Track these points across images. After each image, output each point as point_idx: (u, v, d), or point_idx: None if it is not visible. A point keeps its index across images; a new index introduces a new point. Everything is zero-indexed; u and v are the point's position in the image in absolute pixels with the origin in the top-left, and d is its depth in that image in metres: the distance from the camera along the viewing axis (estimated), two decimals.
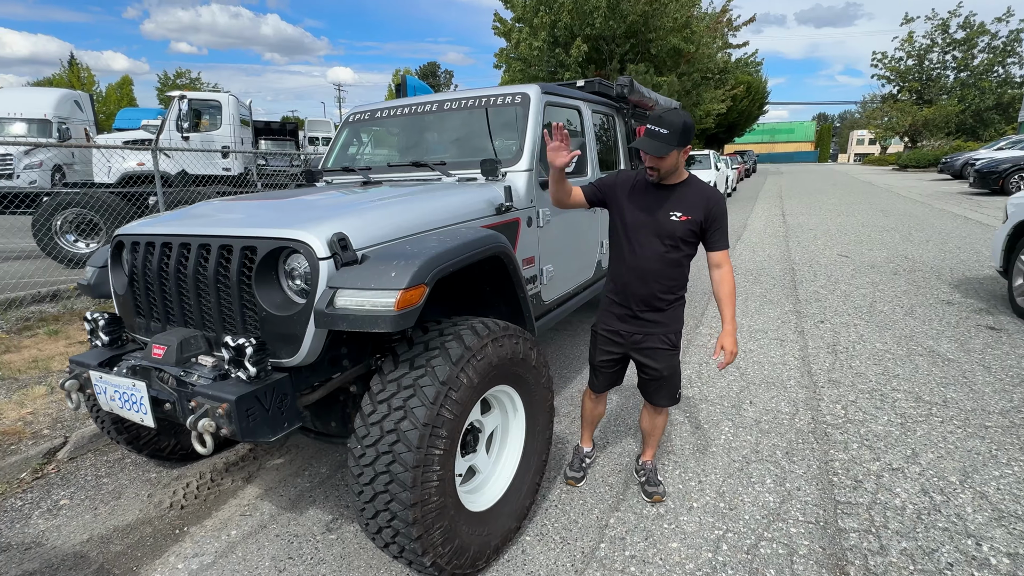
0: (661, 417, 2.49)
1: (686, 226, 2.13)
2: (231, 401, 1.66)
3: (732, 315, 2.22)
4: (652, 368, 2.30)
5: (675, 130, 2.00)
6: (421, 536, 1.72)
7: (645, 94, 4.53)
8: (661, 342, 2.27)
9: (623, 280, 2.25)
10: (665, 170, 2.10)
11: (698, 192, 2.17)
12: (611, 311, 2.35)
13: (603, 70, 15.15)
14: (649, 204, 2.18)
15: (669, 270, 2.19)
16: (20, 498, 2.66)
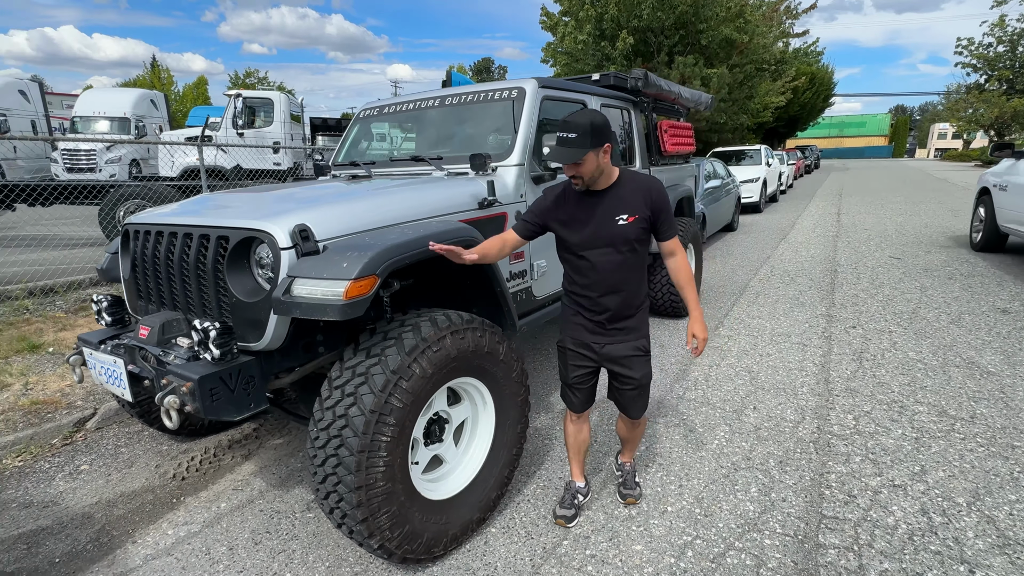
0: (639, 425, 2.35)
1: (636, 226, 1.99)
2: (194, 380, 1.77)
3: (696, 300, 2.11)
4: (629, 377, 2.13)
5: (583, 131, 1.85)
6: (366, 519, 1.77)
7: (663, 87, 4.40)
8: (635, 350, 2.13)
9: (590, 296, 2.09)
10: (589, 176, 1.93)
11: (635, 187, 2.02)
12: (577, 323, 2.16)
13: (650, 63, 14.77)
14: (590, 215, 2.01)
15: (633, 275, 2.07)
16: (48, 461, 2.94)
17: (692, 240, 5.10)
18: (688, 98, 5.10)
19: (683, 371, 3.88)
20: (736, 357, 4.10)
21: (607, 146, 1.92)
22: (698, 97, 5.41)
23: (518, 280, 2.88)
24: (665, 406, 3.34)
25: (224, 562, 2.15)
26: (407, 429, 1.85)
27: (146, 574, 2.10)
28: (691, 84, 13.44)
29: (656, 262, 4.75)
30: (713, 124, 15.78)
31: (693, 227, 5.04)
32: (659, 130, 4.79)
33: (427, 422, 2.14)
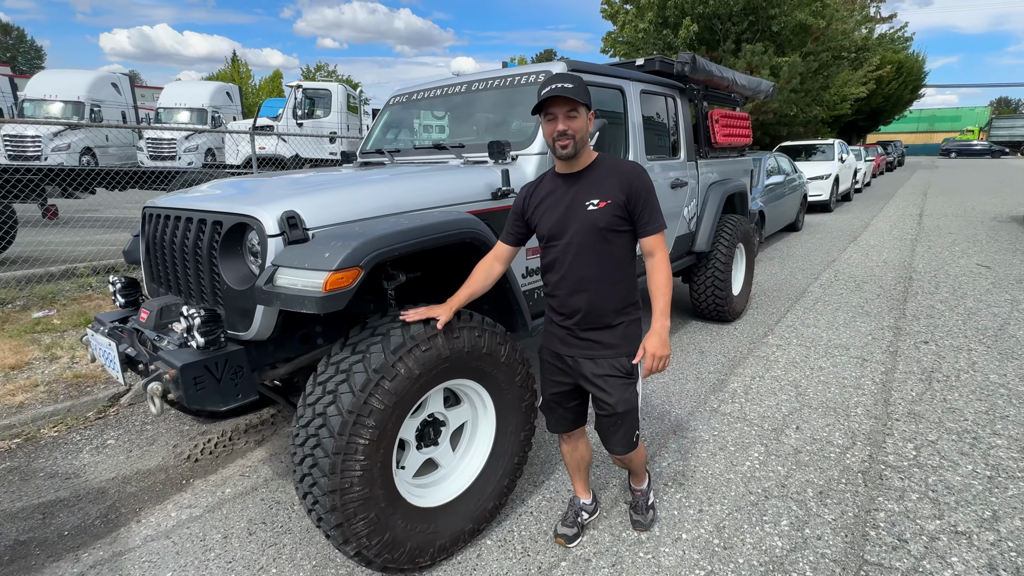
0: (632, 459, 2.03)
1: (608, 213, 1.76)
2: (177, 368, 1.73)
3: (663, 310, 1.81)
4: (603, 402, 1.85)
5: (579, 85, 1.71)
6: (341, 525, 1.68)
7: (715, 72, 4.05)
8: (611, 368, 1.83)
9: (559, 295, 1.87)
10: (580, 135, 1.72)
11: (612, 170, 1.80)
12: (551, 331, 1.95)
13: (714, 51, 14.01)
14: (561, 200, 1.82)
15: (608, 273, 1.81)
16: (80, 433, 3.07)
17: (743, 240, 4.73)
18: (745, 86, 4.70)
19: (721, 382, 3.58)
20: (783, 369, 3.74)
21: (592, 114, 1.79)
22: (756, 85, 4.99)
23: (534, 277, 2.71)
24: (696, 418, 3.08)
25: (216, 550, 2.14)
26: (389, 432, 1.74)
27: (141, 555, 2.11)
28: (758, 73, 12.63)
29: (699, 263, 4.43)
30: (782, 116, 14.80)
31: (743, 225, 4.66)
32: (709, 120, 4.44)
33: (421, 424, 2.02)
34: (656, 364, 1.79)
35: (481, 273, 1.94)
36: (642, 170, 1.82)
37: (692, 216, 4.22)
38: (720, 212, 4.37)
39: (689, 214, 4.16)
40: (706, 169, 4.42)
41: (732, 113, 4.70)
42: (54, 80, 15.86)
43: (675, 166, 3.91)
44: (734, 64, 13.12)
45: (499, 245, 1.98)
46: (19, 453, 2.86)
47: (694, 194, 4.18)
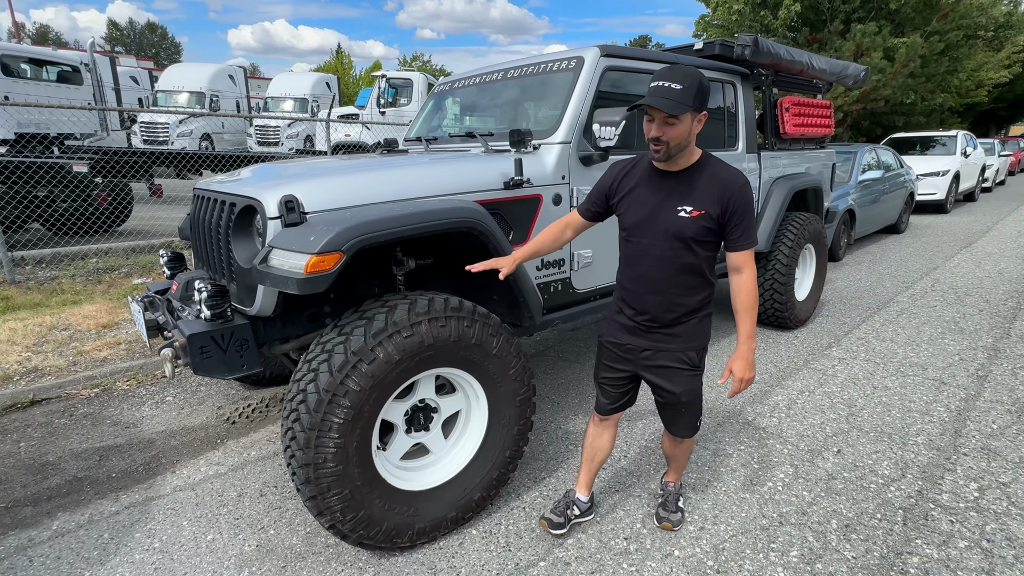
0: (683, 446, 2.08)
1: (698, 223, 1.68)
2: (186, 336, 1.89)
3: (750, 333, 1.76)
4: (667, 391, 1.86)
5: (691, 84, 1.57)
6: (315, 497, 1.75)
7: (783, 55, 3.68)
8: (678, 361, 1.83)
9: (632, 290, 1.84)
10: (675, 142, 1.63)
11: (713, 178, 1.70)
12: (618, 320, 1.93)
13: (819, 33, 12.79)
14: (653, 197, 1.75)
15: (684, 278, 1.76)
16: (147, 389, 3.45)
17: (812, 240, 4.32)
18: (825, 70, 4.24)
19: (764, 393, 3.31)
20: (839, 385, 3.39)
21: (704, 115, 1.66)
22: (841, 69, 4.48)
23: (552, 269, 2.64)
24: (724, 430, 2.87)
25: (229, 506, 2.32)
26: (367, 413, 1.78)
27: (168, 503, 2.35)
28: (868, 57, 11.37)
29: (757, 264, 4.10)
30: (896, 105, 13.24)
31: (813, 224, 4.24)
32: (779, 108, 4.06)
33: (411, 408, 2.05)
34: (743, 387, 1.79)
35: (550, 234, 1.99)
36: (745, 182, 1.71)
37: None
38: (784, 209, 4.01)
39: None
40: (772, 162, 4.07)
41: (808, 100, 4.27)
42: (181, 73, 17.68)
43: (731, 158, 3.62)
44: (840, 47, 11.91)
45: (574, 213, 1.99)
46: (95, 401, 3.27)
47: (754, 189, 3.86)
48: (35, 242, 6.25)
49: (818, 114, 4.38)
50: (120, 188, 7.28)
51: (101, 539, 2.13)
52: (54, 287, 5.11)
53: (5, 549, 2.08)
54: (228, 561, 2.00)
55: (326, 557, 2.01)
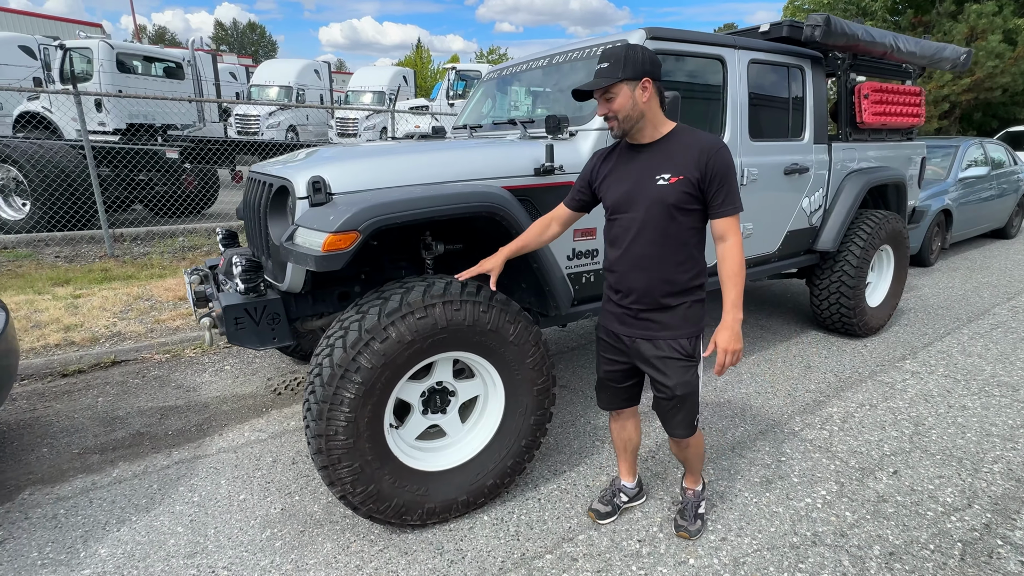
0: (690, 448, 1.95)
1: (678, 189, 1.66)
2: (222, 308, 2.01)
3: (735, 302, 1.69)
4: (662, 384, 1.80)
5: (616, 59, 1.64)
6: (326, 467, 1.82)
7: (860, 36, 3.35)
8: (671, 350, 1.76)
9: (618, 272, 1.81)
10: (623, 114, 1.66)
11: (688, 144, 1.69)
12: (609, 310, 1.90)
13: (926, 15, 11.56)
14: (630, 172, 1.75)
15: (670, 251, 1.71)
16: (210, 357, 3.73)
17: (889, 241, 3.93)
18: (915, 52, 3.81)
19: (818, 403, 3.06)
20: (908, 401, 3.07)
21: (646, 81, 1.65)
22: (935, 52, 4.01)
23: (584, 260, 2.57)
24: (766, 438, 2.69)
25: (263, 470, 2.47)
26: (378, 390, 1.82)
27: (211, 463, 2.53)
28: (983, 40, 10.14)
29: (823, 265, 3.81)
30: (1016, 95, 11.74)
31: (892, 224, 3.85)
32: (856, 95, 3.71)
33: (428, 390, 2.08)
34: (729, 359, 1.69)
35: (536, 229, 1.98)
36: (722, 146, 1.68)
37: (816, 208, 3.61)
38: (857, 206, 3.67)
39: (812, 206, 3.57)
40: (845, 154, 3.73)
41: (892, 87, 3.87)
42: (272, 68, 18.90)
43: (794, 149, 3.36)
44: (950, 30, 10.70)
45: (560, 207, 1.98)
46: (165, 366, 3.59)
47: (820, 183, 3.57)
48: (135, 221, 6.95)
49: (905, 102, 3.96)
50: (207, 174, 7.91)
51: (151, 489, 2.33)
52: (145, 262, 5.65)
53: (72, 489, 2.33)
54: (254, 520, 2.13)
55: (342, 527, 2.09)
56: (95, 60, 9.69)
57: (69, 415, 2.94)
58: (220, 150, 8.10)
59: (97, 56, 9.68)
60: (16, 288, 4.70)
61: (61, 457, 2.56)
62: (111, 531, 2.07)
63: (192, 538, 2.03)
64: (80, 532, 2.07)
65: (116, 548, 1.98)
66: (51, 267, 5.34)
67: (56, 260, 5.56)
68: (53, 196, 5.97)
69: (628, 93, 1.64)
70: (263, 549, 1.98)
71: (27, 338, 3.69)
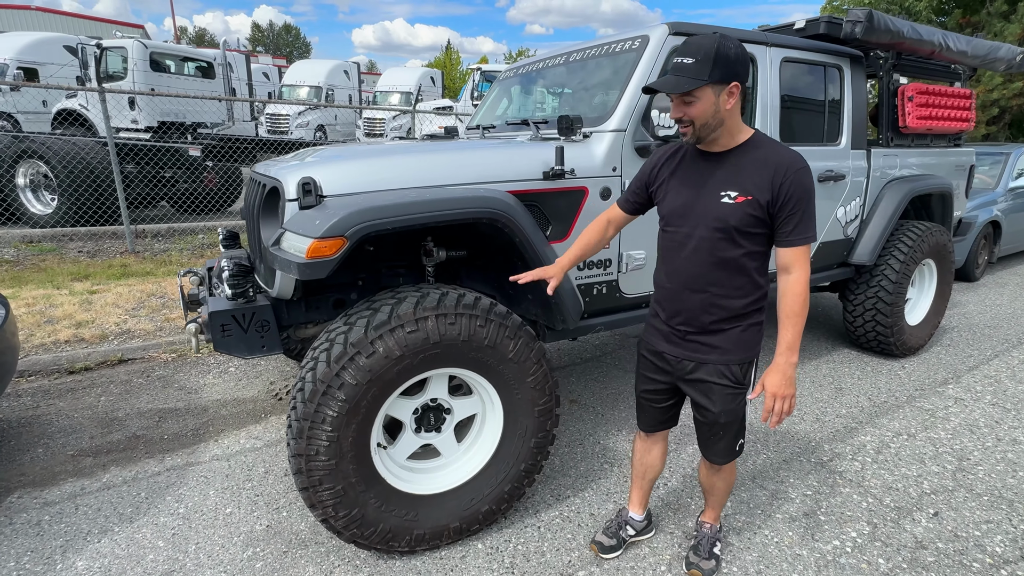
0: (721, 475, 1.81)
1: (743, 210, 1.47)
2: (208, 314, 1.92)
3: (791, 344, 1.49)
4: (705, 409, 1.66)
5: (704, 56, 1.40)
6: (306, 488, 1.70)
7: (905, 33, 3.08)
8: (718, 375, 1.61)
9: (667, 288, 1.66)
10: (701, 121, 1.45)
11: (764, 160, 1.48)
12: (654, 325, 1.75)
13: (975, 16, 10.98)
14: (694, 182, 1.57)
15: (727, 275, 1.55)
16: (216, 358, 3.68)
17: (933, 255, 3.65)
18: (965, 52, 3.52)
19: (850, 430, 2.82)
20: (951, 432, 2.81)
21: (734, 86, 1.44)
22: (989, 51, 3.70)
23: (596, 271, 2.41)
24: (791, 468, 2.48)
25: (254, 482, 2.37)
26: (364, 408, 1.69)
27: (202, 470, 2.45)
28: None
29: (859, 279, 3.55)
30: None
31: (935, 236, 3.57)
32: (900, 97, 3.45)
33: (421, 408, 1.94)
34: (780, 406, 1.49)
35: (594, 233, 1.83)
36: (803, 166, 1.47)
37: (852, 218, 3.36)
38: (897, 216, 3.41)
39: (847, 216, 3.32)
40: (886, 160, 3.47)
41: (939, 89, 3.59)
42: (303, 69, 19.20)
43: (829, 154, 3.13)
44: (1002, 31, 10.13)
45: (614, 207, 1.84)
46: (170, 366, 3.55)
47: (857, 191, 3.32)
48: (161, 218, 7.04)
49: (953, 105, 3.67)
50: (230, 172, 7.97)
51: (138, 497, 2.26)
52: (164, 258, 5.69)
53: (60, 494, 2.27)
54: (238, 538, 2.03)
55: (327, 549, 1.97)
56: (130, 59, 9.93)
57: (69, 414, 2.91)
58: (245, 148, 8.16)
59: (131, 56, 9.91)
60: (36, 282, 4.76)
61: (55, 459, 2.52)
62: (91, 542, 1.99)
63: (172, 554, 1.94)
64: (60, 542, 1.99)
65: (94, 561, 1.90)
66: (73, 262, 5.42)
67: (78, 255, 5.64)
68: (79, 192, 6.07)
69: (712, 99, 1.43)
70: (243, 570, 1.87)
71: (39, 333, 3.71)
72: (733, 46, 1.43)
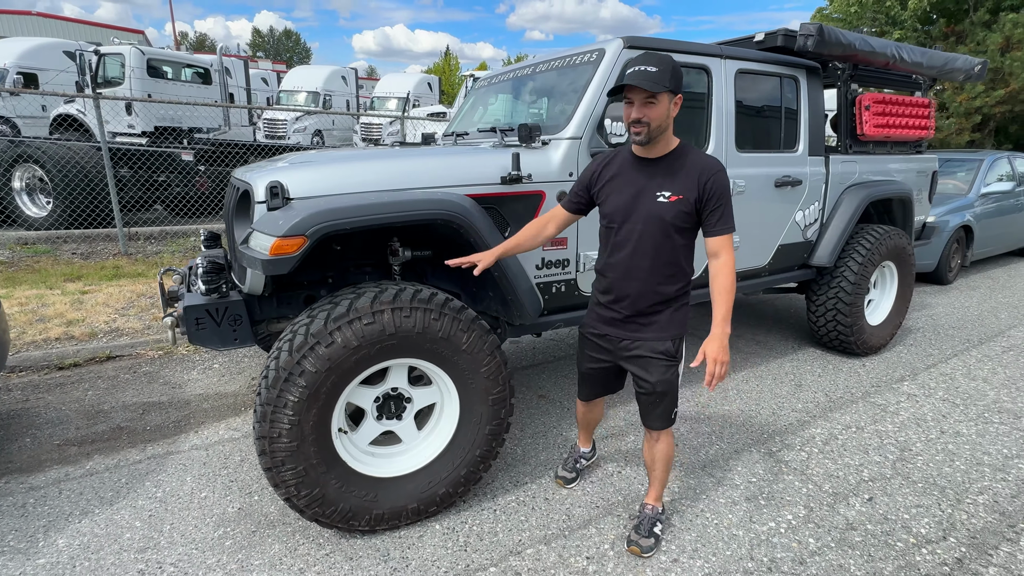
0: (660, 445, 2.00)
1: (677, 208, 1.75)
2: (183, 308, 2.06)
3: (725, 316, 1.75)
4: (644, 381, 1.90)
5: (666, 67, 1.67)
6: (269, 469, 1.83)
7: (857, 46, 3.24)
8: (654, 351, 1.87)
9: (611, 277, 1.91)
10: (656, 123, 1.70)
11: (691, 165, 1.77)
12: (597, 311, 2.01)
13: (958, 25, 11.18)
14: (633, 184, 1.83)
15: (663, 264, 1.82)
16: (201, 355, 3.82)
17: (891, 257, 3.80)
18: (921, 63, 3.68)
19: (801, 423, 2.96)
20: (898, 425, 2.94)
21: (679, 99, 1.75)
22: (945, 62, 3.86)
23: (554, 270, 2.55)
24: (740, 459, 2.61)
25: (230, 468, 2.50)
26: (324, 394, 1.83)
27: (181, 459, 2.58)
28: (1018, 51, 9.75)
29: (820, 280, 3.70)
30: None
31: (894, 239, 3.72)
32: (857, 106, 3.60)
33: (383, 396, 2.08)
34: (718, 370, 1.72)
35: (531, 229, 2.04)
36: (721, 168, 1.77)
37: (812, 221, 3.51)
38: (855, 220, 3.55)
39: (807, 219, 3.47)
40: (845, 167, 3.62)
41: (896, 98, 3.74)
42: (301, 75, 19.38)
43: (786, 160, 3.28)
44: (984, 40, 10.32)
45: (557, 208, 2.04)
46: (157, 362, 3.69)
47: (816, 196, 3.47)
48: (155, 221, 7.18)
49: (911, 113, 3.83)
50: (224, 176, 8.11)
51: (119, 483, 2.39)
52: (156, 260, 5.83)
53: (45, 480, 2.40)
54: (210, 519, 2.16)
55: (293, 529, 2.10)
56: (127, 65, 10.10)
57: (57, 407, 3.04)
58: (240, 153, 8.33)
59: (129, 62, 10.09)
60: (30, 283, 4.90)
61: (41, 448, 2.65)
62: (72, 522, 2.12)
63: (147, 533, 2.07)
64: (43, 522, 2.12)
65: (74, 539, 2.03)
66: (67, 263, 5.56)
67: (72, 257, 5.78)
68: (74, 195, 6.21)
69: (667, 104, 1.69)
70: (212, 547, 2.00)
71: (30, 331, 3.84)
72: (680, 68, 1.72)
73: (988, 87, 10.24)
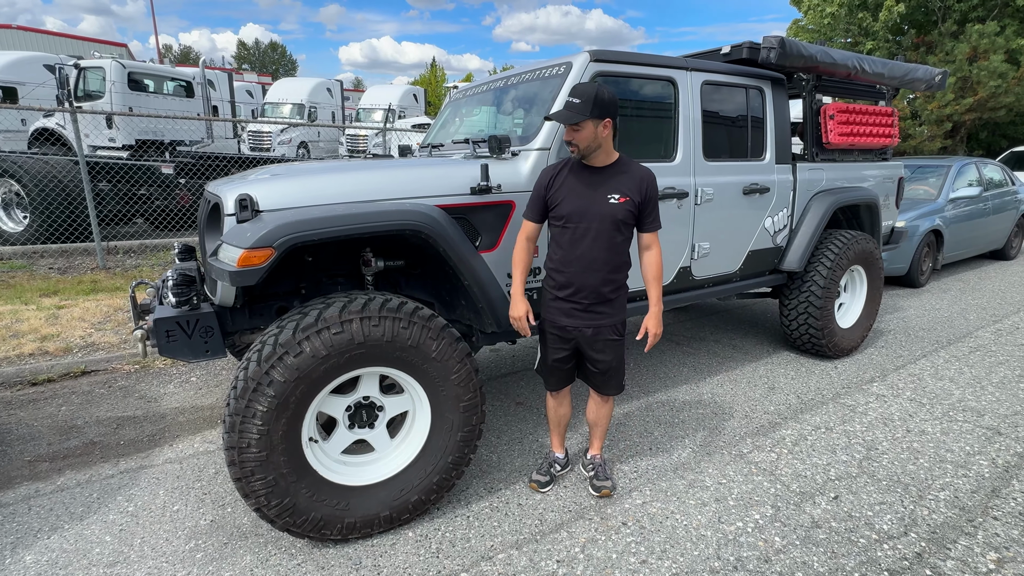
0: (608, 406, 2.41)
1: (625, 208, 2.08)
2: (153, 320, 2.07)
3: (658, 297, 2.18)
4: (601, 360, 2.21)
5: (587, 99, 1.97)
6: (239, 479, 1.84)
7: (818, 57, 3.35)
8: (611, 333, 2.19)
9: (568, 273, 2.14)
10: (584, 144, 2.03)
11: (632, 173, 2.12)
12: (556, 307, 2.22)
13: (927, 35, 11.52)
14: (586, 188, 2.11)
15: (615, 256, 2.12)
16: (179, 369, 3.80)
17: (860, 261, 3.90)
18: (882, 74, 3.81)
19: (772, 425, 3.02)
20: (866, 425, 3.01)
21: (607, 121, 2.02)
22: (906, 73, 4.00)
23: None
24: (711, 460, 2.65)
25: (203, 481, 2.50)
26: (293, 404, 1.85)
27: (154, 472, 2.57)
28: (984, 60, 10.06)
29: (791, 285, 3.78)
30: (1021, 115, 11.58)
31: (861, 244, 3.82)
32: (822, 116, 3.72)
33: (354, 405, 2.10)
34: (654, 340, 2.19)
35: (525, 253, 2.22)
36: (655, 177, 2.14)
37: (781, 227, 3.60)
38: (823, 225, 3.65)
39: (776, 225, 3.56)
40: (812, 174, 3.73)
41: (860, 108, 3.86)
42: (286, 87, 19.39)
43: (754, 168, 3.37)
44: (952, 50, 10.64)
45: (525, 224, 2.23)
46: (133, 376, 3.66)
47: (784, 202, 3.56)
48: (136, 234, 7.13)
49: (875, 122, 3.95)
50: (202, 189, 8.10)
51: (90, 498, 2.37)
52: (135, 274, 5.79)
53: (15, 496, 2.38)
54: (182, 532, 2.16)
55: (266, 540, 2.10)
56: (107, 79, 10.06)
57: (29, 423, 3.01)
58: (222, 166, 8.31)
59: (109, 75, 10.05)
60: (5, 298, 4.84)
61: (12, 464, 2.62)
62: (41, 539, 2.11)
63: (117, 547, 2.06)
64: (11, 539, 2.11)
65: (42, 555, 2.02)
66: (43, 278, 5.50)
67: (49, 271, 5.72)
68: (51, 210, 6.16)
69: (592, 129, 1.99)
70: (183, 560, 2.00)
71: (3, 347, 3.80)
72: (607, 93, 1.99)
73: (958, 95, 10.55)
